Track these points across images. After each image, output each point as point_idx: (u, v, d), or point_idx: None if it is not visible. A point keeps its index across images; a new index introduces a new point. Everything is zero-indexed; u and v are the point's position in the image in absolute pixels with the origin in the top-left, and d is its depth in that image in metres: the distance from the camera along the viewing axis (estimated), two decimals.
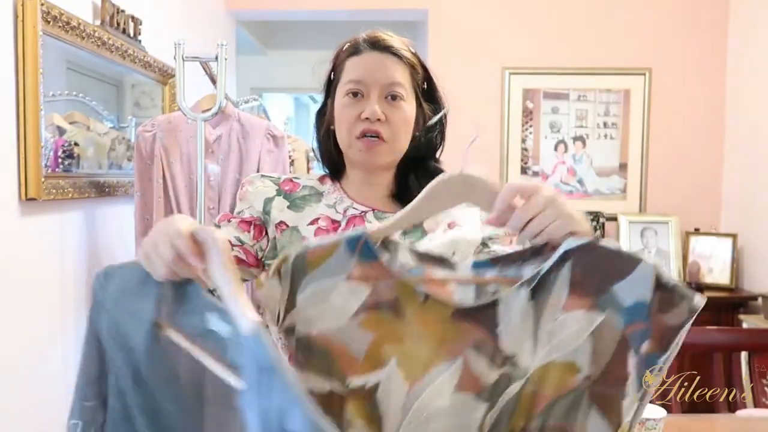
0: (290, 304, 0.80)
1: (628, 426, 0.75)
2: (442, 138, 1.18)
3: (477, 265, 0.82)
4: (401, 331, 0.79)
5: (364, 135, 1.07)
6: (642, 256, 0.75)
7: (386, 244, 0.83)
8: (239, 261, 1.05)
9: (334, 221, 1.10)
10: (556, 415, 0.76)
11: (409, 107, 1.10)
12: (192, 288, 0.75)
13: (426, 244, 1.03)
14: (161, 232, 0.76)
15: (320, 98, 1.18)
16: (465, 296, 0.80)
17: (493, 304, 0.78)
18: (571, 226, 0.79)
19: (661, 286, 0.74)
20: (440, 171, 1.16)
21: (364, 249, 0.80)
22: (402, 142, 1.10)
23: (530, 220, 0.78)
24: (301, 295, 0.80)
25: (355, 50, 1.10)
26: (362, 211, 1.12)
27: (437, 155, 1.18)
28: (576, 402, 0.75)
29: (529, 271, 0.79)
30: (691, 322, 0.74)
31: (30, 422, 1.77)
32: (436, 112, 1.15)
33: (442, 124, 1.17)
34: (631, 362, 0.74)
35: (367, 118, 1.06)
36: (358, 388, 0.79)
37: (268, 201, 1.11)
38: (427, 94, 1.15)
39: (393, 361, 0.79)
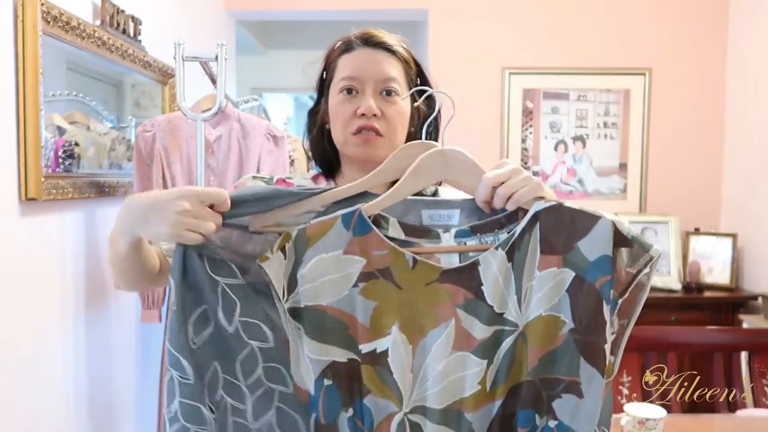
0: (292, 282, 0.85)
1: (612, 363, 0.85)
2: (437, 133, 1.18)
3: (459, 235, 0.90)
4: (398, 298, 0.86)
5: (360, 131, 1.07)
6: (601, 213, 0.84)
7: (378, 219, 0.89)
8: None
9: None
10: (551, 368, 0.83)
11: (404, 102, 1.10)
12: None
13: None
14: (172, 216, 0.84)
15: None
16: (450, 262, 0.89)
17: (474, 265, 0.86)
18: (538, 192, 0.87)
19: (621, 239, 0.83)
20: None
21: (358, 223, 0.86)
22: (398, 137, 1.10)
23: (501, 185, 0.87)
24: (303, 269, 0.85)
25: (347, 47, 1.10)
26: None
27: None
28: (566, 353, 0.83)
29: (504, 236, 0.88)
30: (651, 269, 0.84)
31: (30, 421, 1.77)
32: (429, 107, 1.16)
33: (436, 119, 1.16)
34: (606, 311, 0.82)
35: (363, 114, 1.06)
36: (369, 354, 0.86)
37: None
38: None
39: (395, 327, 0.85)
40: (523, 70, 3.50)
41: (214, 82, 2.23)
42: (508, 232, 0.88)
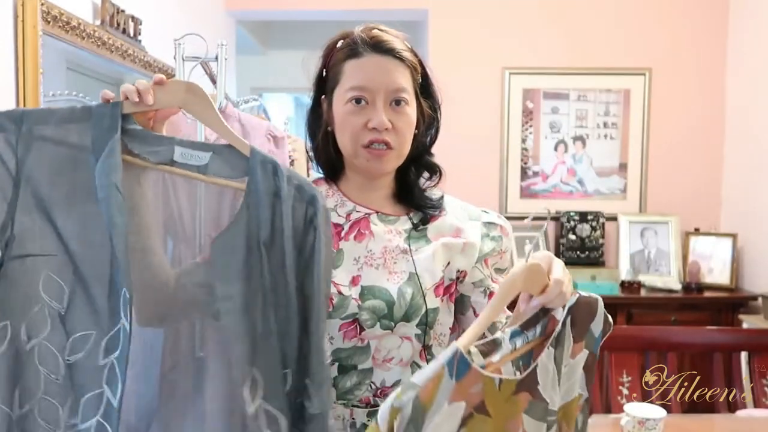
0: None
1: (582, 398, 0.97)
2: (437, 131, 1.17)
3: (512, 335, 0.91)
4: (489, 428, 0.83)
5: (371, 144, 1.05)
6: (596, 296, 0.94)
7: (470, 351, 0.84)
8: None
9: (336, 225, 1.09)
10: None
11: (412, 110, 1.09)
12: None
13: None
14: None
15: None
16: (507, 371, 0.88)
17: (534, 369, 0.88)
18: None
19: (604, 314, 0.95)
20: (434, 164, 1.17)
21: (460, 366, 0.78)
22: (407, 147, 1.09)
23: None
24: None
25: (354, 52, 1.07)
26: (366, 214, 1.11)
27: (431, 148, 1.18)
28: (582, 415, 0.96)
29: (540, 327, 0.93)
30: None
31: None
32: (432, 107, 1.15)
33: (437, 118, 1.16)
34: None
35: (374, 128, 1.04)
36: None
37: None
38: (424, 89, 1.13)
39: None
40: (523, 70, 3.50)
41: (214, 82, 2.23)
42: (543, 327, 0.93)
